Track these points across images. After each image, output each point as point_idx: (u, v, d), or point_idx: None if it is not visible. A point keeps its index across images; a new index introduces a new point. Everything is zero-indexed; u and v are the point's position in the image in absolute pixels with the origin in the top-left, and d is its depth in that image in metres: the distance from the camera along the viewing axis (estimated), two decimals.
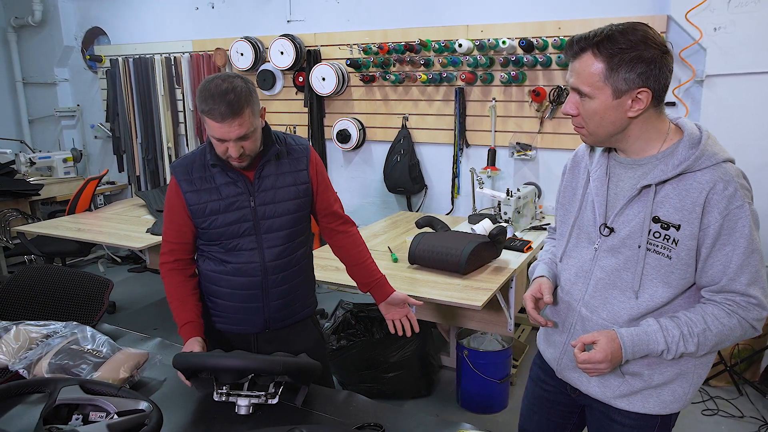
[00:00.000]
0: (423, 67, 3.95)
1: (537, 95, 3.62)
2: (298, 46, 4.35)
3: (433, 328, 3.43)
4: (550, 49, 3.58)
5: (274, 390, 1.46)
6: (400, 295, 1.91)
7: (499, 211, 3.31)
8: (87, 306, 1.92)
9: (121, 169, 5.51)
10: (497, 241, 2.71)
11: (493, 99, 3.82)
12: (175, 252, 1.77)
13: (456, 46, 3.73)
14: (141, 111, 5.25)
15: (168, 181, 5.21)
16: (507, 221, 3.23)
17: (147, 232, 3.45)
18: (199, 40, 4.89)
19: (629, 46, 1.19)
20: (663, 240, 1.26)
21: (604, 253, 1.36)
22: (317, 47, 4.38)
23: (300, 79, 4.48)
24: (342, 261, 1.97)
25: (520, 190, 3.34)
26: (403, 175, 4.11)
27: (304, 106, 4.54)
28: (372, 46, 4.06)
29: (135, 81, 5.22)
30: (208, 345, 1.71)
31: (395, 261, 2.83)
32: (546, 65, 3.60)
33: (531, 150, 3.80)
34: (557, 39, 3.50)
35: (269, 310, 1.79)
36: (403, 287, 2.50)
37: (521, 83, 3.72)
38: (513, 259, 2.81)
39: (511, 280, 2.66)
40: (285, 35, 4.38)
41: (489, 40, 3.65)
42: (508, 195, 3.24)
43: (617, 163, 1.36)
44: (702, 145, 1.24)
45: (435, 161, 4.19)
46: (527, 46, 3.54)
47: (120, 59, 5.20)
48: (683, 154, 1.25)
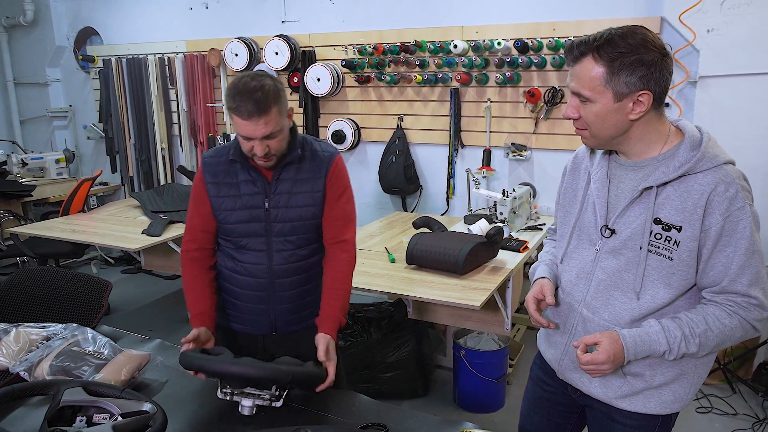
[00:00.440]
0: (418, 68, 3.96)
1: (532, 96, 3.64)
2: (292, 46, 4.34)
3: (430, 328, 3.44)
4: (544, 50, 3.60)
5: (278, 393, 1.46)
6: (321, 343, 1.63)
7: (495, 212, 3.33)
8: (86, 308, 1.91)
9: (114, 170, 5.48)
10: (494, 242, 2.73)
11: (488, 100, 3.84)
12: (198, 240, 1.79)
13: (451, 46, 3.74)
14: (134, 111, 5.23)
15: (161, 182, 5.20)
16: (503, 221, 3.24)
17: (143, 233, 3.43)
18: (193, 40, 4.87)
19: (629, 49, 1.20)
20: (664, 241, 1.27)
21: (605, 255, 1.37)
22: (312, 48, 4.38)
23: (295, 80, 4.48)
24: None
25: (515, 190, 3.36)
26: (398, 176, 4.12)
27: (299, 106, 4.53)
28: (367, 46, 4.07)
29: (128, 81, 5.19)
30: (216, 339, 1.71)
31: (392, 261, 2.83)
32: (541, 66, 3.62)
33: (526, 150, 3.82)
34: (552, 40, 3.53)
35: (275, 313, 1.78)
36: (401, 287, 2.51)
37: (516, 84, 3.74)
38: (510, 259, 2.82)
39: (508, 280, 2.67)
40: (280, 36, 4.37)
41: (484, 41, 3.67)
42: (504, 195, 3.26)
43: (618, 165, 1.37)
44: (703, 147, 1.25)
45: (430, 162, 4.21)
46: (522, 47, 3.56)
47: (113, 59, 5.17)
48: (684, 156, 1.26)
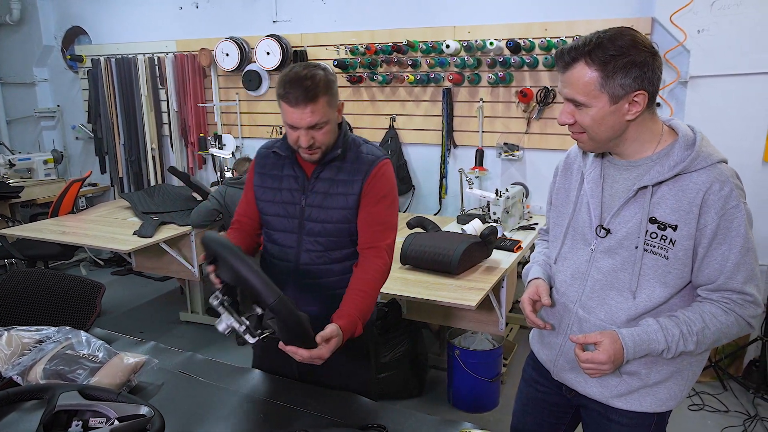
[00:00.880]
0: (410, 68, 3.96)
1: (524, 96, 3.65)
2: (284, 46, 4.33)
3: (424, 328, 3.44)
4: (536, 50, 3.61)
5: (259, 330, 1.40)
6: (328, 328, 1.51)
7: (488, 211, 3.33)
8: (79, 310, 1.88)
9: (104, 171, 5.43)
10: (488, 241, 2.73)
11: (481, 100, 3.84)
12: (243, 224, 1.80)
13: (443, 47, 3.74)
14: (123, 112, 5.18)
15: (151, 183, 5.16)
16: (496, 221, 3.25)
17: (134, 234, 3.40)
18: (184, 40, 4.84)
19: (621, 51, 1.20)
20: (660, 240, 1.28)
21: (600, 255, 1.37)
22: (304, 48, 4.36)
23: None
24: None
25: (508, 190, 3.37)
26: None
27: None
28: (359, 46, 4.06)
29: (117, 81, 5.14)
30: None
31: None
32: (533, 66, 3.63)
33: (518, 150, 3.83)
34: (544, 40, 3.54)
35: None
36: (395, 288, 2.51)
37: (508, 84, 3.75)
38: (504, 259, 2.83)
39: (503, 279, 2.68)
40: (271, 35, 4.35)
41: (476, 41, 3.68)
42: (497, 195, 3.26)
43: (612, 165, 1.37)
44: (697, 146, 1.26)
45: (422, 162, 4.21)
46: (514, 47, 3.57)
47: (102, 59, 5.12)
48: (679, 155, 1.26)
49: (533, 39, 3.59)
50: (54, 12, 5.54)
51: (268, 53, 4.37)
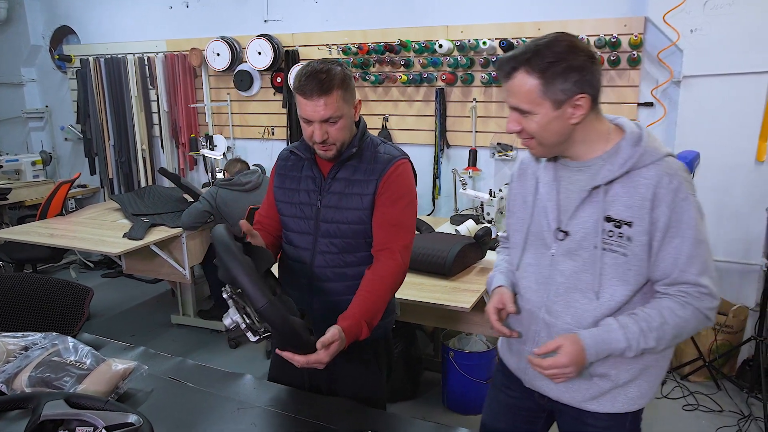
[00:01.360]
0: (403, 68, 3.93)
1: None
2: (275, 46, 4.29)
3: (418, 329, 3.41)
4: None
5: (263, 329, 1.36)
6: (330, 331, 1.45)
7: (482, 212, 3.31)
8: (66, 315, 1.85)
9: (93, 172, 5.36)
10: (482, 242, 2.71)
11: (474, 99, 3.83)
12: (264, 225, 1.79)
13: (436, 46, 3.72)
14: (113, 112, 5.12)
15: (142, 184, 5.11)
16: (490, 222, 3.23)
17: (124, 236, 3.36)
18: (174, 39, 4.79)
19: (558, 57, 1.22)
20: (618, 238, 1.29)
21: (561, 258, 1.37)
22: (295, 47, 4.33)
23: (278, 80, 4.43)
24: None
25: (502, 190, 3.35)
26: None
27: (282, 107, 4.48)
28: (351, 46, 4.03)
29: (107, 82, 5.08)
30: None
31: None
32: None
33: (512, 150, 3.82)
34: None
35: (313, 318, 1.63)
36: None
37: (501, 84, 3.72)
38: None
39: None
40: (262, 35, 4.32)
41: (469, 40, 3.66)
42: (491, 195, 3.25)
43: (564, 167, 1.39)
44: (644, 142, 1.28)
45: (415, 162, 4.04)
46: (507, 46, 3.55)
47: (91, 59, 5.06)
48: (627, 152, 1.28)
49: (526, 38, 3.57)
50: (42, 11, 5.48)
51: (259, 53, 4.33)
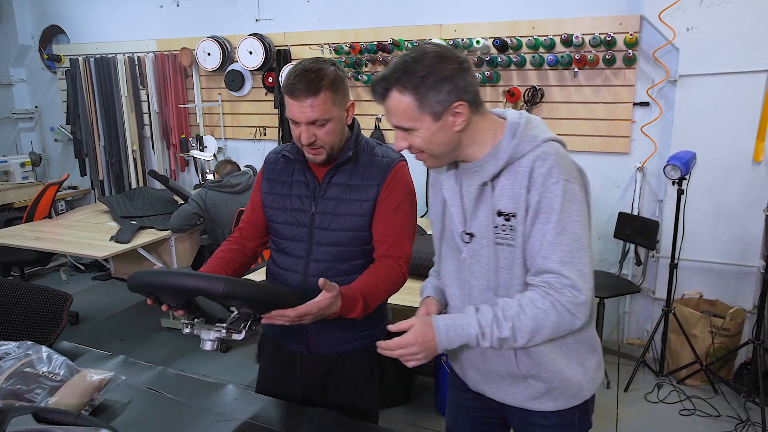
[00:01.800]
0: None
1: (512, 95, 3.59)
2: (267, 45, 4.24)
3: None
4: (524, 49, 3.55)
5: (241, 320, 1.32)
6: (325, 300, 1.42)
7: None
8: (43, 323, 1.78)
9: (84, 173, 5.30)
10: None
11: None
12: (244, 231, 1.73)
13: None
14: (104, 113, 5.05)
15: (132, 186, 5.05)
16: None
17: (111, 240, 3.29)
18: (164, 39, 4.73)
19: (428, 71, 1.20)
20: (509, 231, 1.27)
21: (470, 260, 1.35)
22: (287, 47, 4.27)
23: (270, 80, 4.37)
24: None
25: None
26: None
27: (274, 107, 4.42)
28: (343, 45, 3.98)
29: (97, 82, 5.02)
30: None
31: None
32: (520, 65, 3.57)
33: None
34: (531, 39, 3.48)
35: (308, 328, 1.60)
36: None
37: (496, 83, 3.68)
38: None
39: None
40: (254, 34, 4.26)
41: (462, 39, 3.61)
42: None
43: (464, 171, 1.37)
44: (520, 132, 1.26)
45: (409, 163, 4.12)
46: (501, 45, 3.50)
47: (80, 59, 5.00)
48: (505, 145, 1.27)
49: (520, 37, 3.53)
50: (31, 10, 5.41)
51: (250, 53, 4.28)
